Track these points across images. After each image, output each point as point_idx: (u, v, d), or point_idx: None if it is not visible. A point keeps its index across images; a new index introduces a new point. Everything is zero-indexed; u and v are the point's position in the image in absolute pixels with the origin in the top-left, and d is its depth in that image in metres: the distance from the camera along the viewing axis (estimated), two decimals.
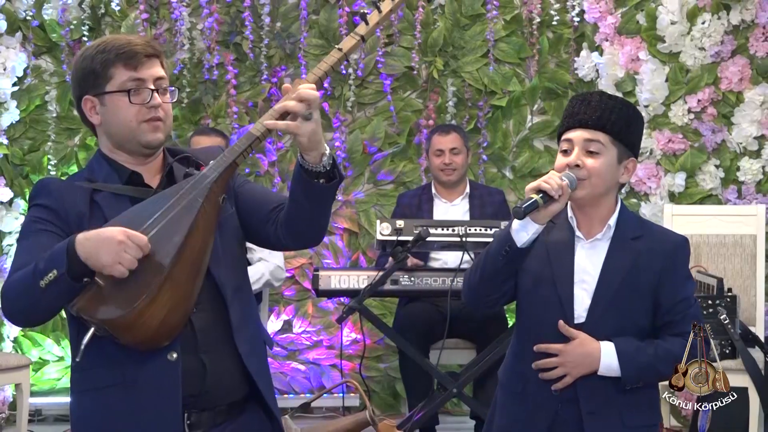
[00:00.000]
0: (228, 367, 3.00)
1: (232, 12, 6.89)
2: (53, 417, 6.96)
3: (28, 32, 6.87)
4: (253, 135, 2.93)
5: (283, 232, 3.03)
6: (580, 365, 3.18)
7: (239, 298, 3.05)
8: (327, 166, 2.89)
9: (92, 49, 3.02)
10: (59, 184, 3.03)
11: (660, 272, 3.22)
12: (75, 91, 3.07)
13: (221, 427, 3.01)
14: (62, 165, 6.93)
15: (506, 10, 6.92)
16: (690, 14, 6.46)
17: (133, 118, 3.00)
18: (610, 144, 3.21)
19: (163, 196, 2.91)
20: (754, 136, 6.45)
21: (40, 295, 2.78)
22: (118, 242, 2.71)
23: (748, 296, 5.69)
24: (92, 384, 2.95)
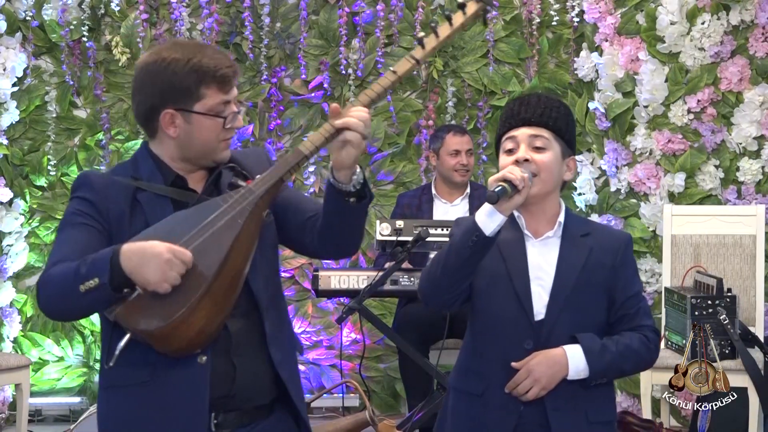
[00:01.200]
0: (258, 372, 3.01)
1: (231, 12, 6.89)
2: (53, 417, 6.96)
3: (28, 32, 6.87)
4: (302, 152, 2.93)
5: (318, 244, 3.06)
6: (550, 376, 3.16)
7: (274, 306, 3.07)
8: (357, 185, 2.92)
9: (182, 62, 2.97)
10: (102, 179, 3.02)
11: (612, 268, 3.25)
12: (153, 99, 2.99)
13: (248, 428, 3.03)
14: (62, 165, 6.93)
15: (506, 10, 6.93)
16: (690, 14, 6.46)
17: (215, 138, 3.02)
18: (554, 140, 3.24)
19: (207, 207, 2.91)
20: (753, 137, 6.45)
21: (77, 299, 2.79)
22: (165, 261, 2.73)
23: (747, 296, 5.69)
24: (121, 381, 2.95)
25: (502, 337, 3.22)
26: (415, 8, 6.86)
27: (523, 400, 3.18)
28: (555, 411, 3.19)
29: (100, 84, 6.94)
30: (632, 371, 3.36)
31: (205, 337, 2.86)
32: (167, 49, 3.03)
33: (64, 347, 6.94)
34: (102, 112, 6.94)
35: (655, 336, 3.28)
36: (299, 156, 2.93)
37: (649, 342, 3.26)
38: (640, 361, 3.28)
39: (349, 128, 2.85)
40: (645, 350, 3.25)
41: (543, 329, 3.20)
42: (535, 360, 3.17)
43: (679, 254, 5.82)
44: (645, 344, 3.25)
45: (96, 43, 6.91)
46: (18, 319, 6.83)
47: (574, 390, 3.20)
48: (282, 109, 6.98)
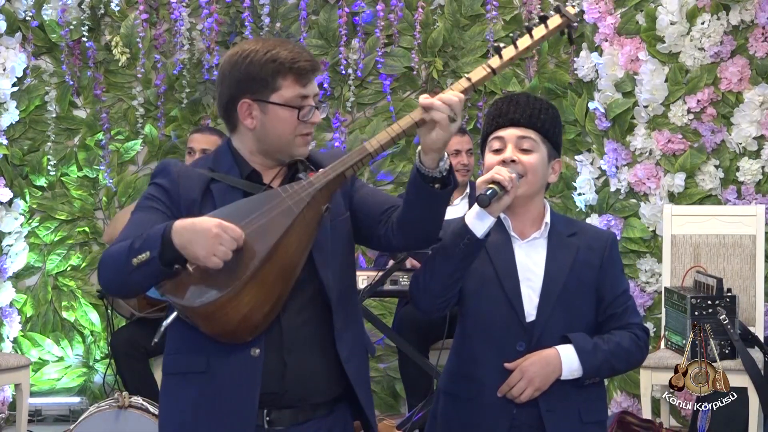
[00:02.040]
0: (317, 370, 3.02)
1: (231, 12, 6.89)
2: (53, 417, 6.97)
3: (27, 33, 6.88)
4: (366, 150, 2.97)
5: (395, 233, 3.06)
6: (544, 377, 3.17)
7: (345, 302, 3.08)
8: (443, 171, 2.94)
9: (260, 53, 3.02)
10: (180, 167, 3.09)
11: (599, 267, 3.28)
12: (231, 89, 3.05)
13: (303, 426, 3.03)
14: (62, 165, 6.93)
15: (506, 10, 6.93)
16: (689, 14, 6.46)
17: (292, 131, 3.04)
18: (541, 142, 3.26)
19: (268, 196, 2.95)
20: (753, 137, 6.45)
21: (130, 272, 2.85)
22: (213, 235, 2.75)
23: (747, 296, 5.69)
24: (179, 368, 3.03)
25: (493, 340, 3.23)
26: (415, 8, 6.86)
27: (517, 402, 3.18)
28: (549, 412, 3.20)
29: (99, 84, 6.94)
30: (624, 369, 3.38)
31: (252, 326, 2.88)
32: (250, 42, 3.11)
33: (63, 347, 6.94)
34: (102, 112, 6.95)
35: (644, 334, 3.31)
36: (363, 153, 2.97)
37: (639, 340, 3.28)
38: (632, 359, 3.30)
39: (436, 109, 2.88)
40: (636, 348, 3.28)
41: (534, 330, 3.21)
42: (528, 361, 3.18)
43: (679, 254, 5.82)
44: (635, 342, 3.27)
45: (96, 43, 6.92)
46: (18, 319, 6.84)
47: (567, 390, 3.21)
48: None
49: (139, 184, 6.97)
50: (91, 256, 6.98)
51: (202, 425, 2.97)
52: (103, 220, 6.95)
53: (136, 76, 6.94)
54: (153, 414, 5.02)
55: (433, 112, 2.88)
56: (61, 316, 6.97)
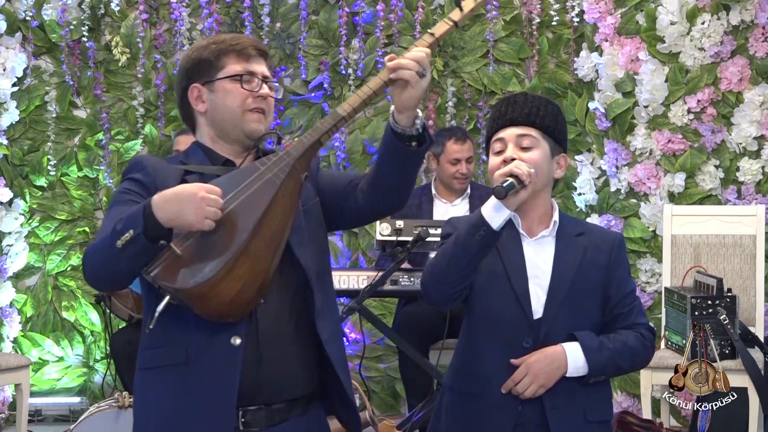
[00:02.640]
0: (294, 360, 3.01)
1: (231, 12, 6.89)
2: (53, 417, 6.96)
3: (27, 33, 6.88)
4: (339, 114, 2.99)
5: (366, 197, 3.08)
6: (549, 374, 3.17)
7: (322, 283, 3.08)
8: (419, 128, 2.96)
9: (205, 41, 3.15)
10: (154, 161, 3.10)
11: (606, 267, 3.29)
12: (182, 81, 3.13)
13: (278, 427, 3.01)
14: (62, 165, 6.93)
15: (506, 10, 6.93)
16: (689, 14, 6.46)
17: (240, 104, 3.07)
18: (542, 138, 3.27)
19: (245, 171, 2.96)
20: (753, 137, 6.45)
21: (116, 255, 2.81)
22: (200, 198, 2.75)
23: (747, 296, 5.69)
24: (157, 362, 2.99)
25: (500, 336, 3.23)
26: (415, 8, 6.86)
27: (522, 398, 3.18)
28: (553, 410, 3.19)
29: (99, 84, 6.95)
30: (629, 369, 3.37)
31: (243, 303, 2.86)
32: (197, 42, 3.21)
33: (63, 347, 6.94)
34: (102, 112, 6.95)
35: (650, 334, 3.31)
36: (337, 117, 2.99)
37: (645, 340, 3.28)
38: (637, 358, 3.30)
39: (403, 68, 2.90)
40: (641, 348, 3.28)
41: (541, 328, 3.22)
42: (533, 358, 3.18)
43: (679, 254, 5.82)
44: (641, 342, 3.27)
45: (96, 43, 6.92)
46: (18, 319, 6.84)
47: (572, 388, 3.21)
48: (282, 109, 6.98)
49: None
50: None
51: (183, 418, 2.93)
52: (102, 220, 6.94)
53: (136, 76, 6.95)
54: None
55: (401, 71, 2.90)
56: (61, 316, 6.97)
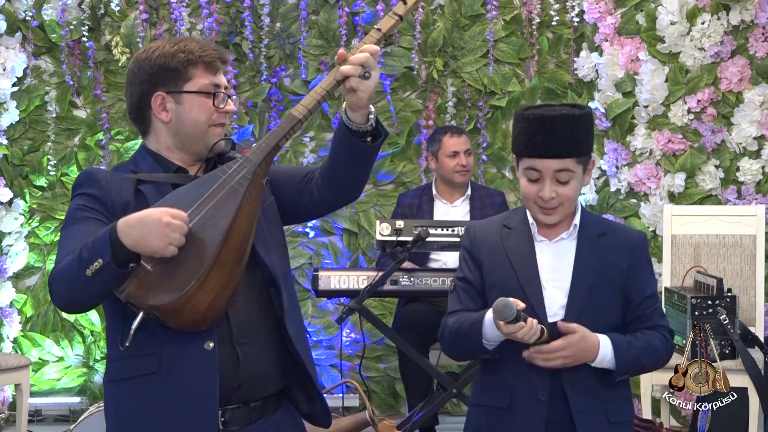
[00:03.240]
0: (265, 358, 3.04)
1: (231, 12, 6.89)
2: (53, 417, 6.96)
3: (27, 32, 6.88)
4: (295, 117, 3.00)
5: (320, 190, 3.10)
6: (579, 356, 3.16)
7: (286, 282, 3.10)
8: (373, 123, 2.98)
9: (168, 47, 3.07)
10: (104, 174, 3.07)
11: (628, 268, 3.26)
12: (143, 85, 3.08)
13: (255, 425, 3.04)
14: (62, 165, 6.93)
15: (506, 10, 6.93)
16: (690, 14, 6.46)
17: (206, 119, 3.08)
18: (577, 165, 3.21)
19: (206, 180, 2.95)
20: (753, 137, 6.45)
21: (87, 284, 2.79)
22: (164, 224, 2.73)
23: (747, 296, 5.69)
24: (128, 373, 2.97)
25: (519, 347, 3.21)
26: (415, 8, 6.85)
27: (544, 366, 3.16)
28: (579, 413, 3.19)
29: (99, 84, 6.94)
30: (651, 368, 3.36)
31: (216, 312, 2.88)
32: (155, 42, 3.15)
33: (63, 347, 6.93)
34: (102, 112, 6.94)
35: (670, 336, 3.30)
36: (293, 120, 2.99)
37: (667, 341, 3.28)
38: (659, 359, 3.29)
39: (346, 74, 2.92)
40: (664, 349, 3.27)
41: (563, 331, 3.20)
42: (574, 338, 3.13)
43: (679, 254, 5.82)
44: (663, 343, 3.26)
45: (96, 43, 6.92)
46: (18, 319, 6.84)
47: (594, 389, 3.21)
48: (282, 109, 6.98)
49: None
50: None
51: (160, 425, 2.93)
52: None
53: None
54: None
55: (349, 80, 2.92)
56: (61, 316, 6.97)
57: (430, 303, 5.87)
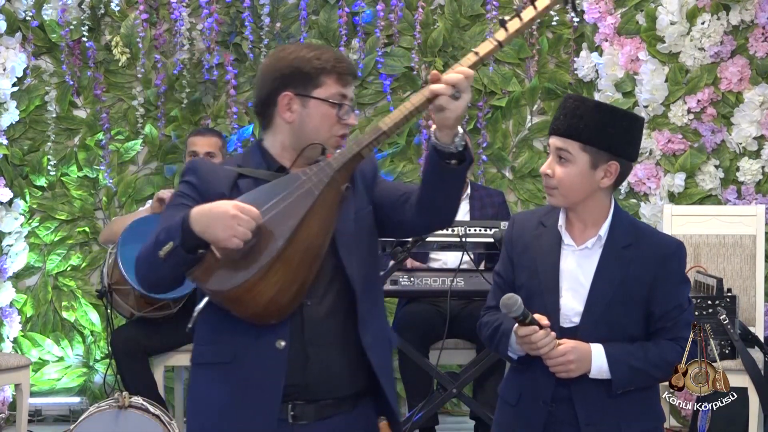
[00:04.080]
0: (339, 361, 3.09)
1: (231, 12, 6.89)
2: (53, 417, 6.96)
3: (27, 32, 6.87)
4: (381, 128, 3.03)
5: (414, 214, 3.11)
6: (577, 366, 3.18)
7: (368, 292, 3.13)
8: (459, 147, 2.96)
9: (305, 50, 3.14)
10: (208, 166, 3.20)
11: (651, 282, 3.24)
12: (274, 82, 3.13)
13: (327, 421, 3.09)
14: (62, 165, 6.93)
15: (506, 10, 6.92)
16: (689, 14, 6.46)
17: (328, 128, 3.12)
18: (580, 151, 3.23)
19: (288, 180, 3.03)
20: (753, 137, 6.45)
21: (160, 264, 2.96)
22: (231, 216, 2.85)
23: (747, 296, 5.70)
24: (207, 358, 3.11)
25: None
26: (415, 8, 6.86)
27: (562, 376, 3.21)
28: (588, 426, 3.21)
29: (100, 84, 6.94)
30: (664, 380, 3.31)
31: (279, 308, 2.96)
32: (294, 45, 3.27)
33: (63, 347, 6.93)
34: (102, 112, 6.94)
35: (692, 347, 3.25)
36: (378, 132, 3.03)
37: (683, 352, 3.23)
38: (671, 370, 3.25)
39: (436, 92, 2.92)
40: (679, 360, 3.22)
41: (577, 338, 3.21)
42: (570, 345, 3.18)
43: None
44: (679, 354, 3.22)
45: (96, 43, 6.92)
46: (18, 319, 6.84)
47: (605, 401, 3.22)
48: None
49: (140, 184, 6.97)
50: (91, 256, 6.98)
51: (228, 414, 3.04)
52: (103, 220, 6.95)
53: (136, 76, 6.94)
54: (153, 414, 5.02)
55: (438, 98, 2.92)
56: (61, 316, 6.97)
57: (430, 303, 5.87)
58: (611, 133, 3.24)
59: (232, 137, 6.81)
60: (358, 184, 3.17)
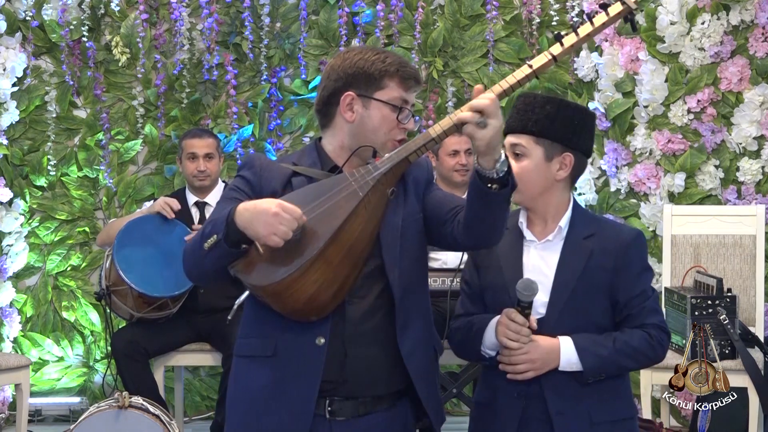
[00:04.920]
0: (378, 361, 3.13)
1: (231, 12, 6.89)
2: (53, 417, 6.96)
3: (27, 33, 6.87)
4: (430, 135, 3.05)
5: (460, 233, 3.11)
6: (544, 362, 3.22)
7: (410, 299, 3.16)
8: (500, 173, 2.94)
9: (371, 53, 3.18)
10: (264, 161, 3.25)
11: (613, 271, 3.28)
12: (338, 82, 3.17)
13: (365, 418, 3.14)
14: (62, 165, 6.93)
15: (506, 10, 6.93)
16: (689, 14, 6.46)
17: (387, 132, 3.17)
18: (533, 144, 3.29)
19: (335, 180, 3.08)
20: (753, 137, 6.45)
21: (203, 256, 3.03)
22: (272, 214, 2.90)
23: (747, 296, 5.69)
24: (249, 351, 3.17)
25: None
26: (415, 8, 6.86)
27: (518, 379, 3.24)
28: (558, 415, 3.23)
29: (100, 84, 6.94)
30: (635, 368, 3.38)
31: (319, 306, 3.01)
32: (359, 47, 3.30)
33: (63, 347, 6.93)
34: (102, 112, 6.94)
35: (660, 333, 3.30)
36: (426, 138, 3.06)
37: (652, 339, 3.27)
38: (641, 357, 3.29)
39: (463, 120, 2.92)
40: (647, 347, 3.27)
41: (544, 331, 3.24)
42: (533, 344, 3.22)
43: (679, 254, 5.82)
44: (647, 341, 3.26)
45: (96, 43, 6.92)
46: (18, 319, 6.84)
47: (576, 391, 3.25)
48: (282, 109, 6.98)
49: (139, 184, 6.97)
50: (91, 256, 6.98)
51: (266, 406, 3.10)
52: (103, 220, 6.95)
53: (136, 76, 6.95)
54: (153, 414, 5.02)
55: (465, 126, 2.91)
56: (61, 316, 6.97)
57: None
58: (562, 125, 3.32)
59: (232, 137, 6.81)
60: (410, 190, 3.20)
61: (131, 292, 5.68)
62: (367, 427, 3.14)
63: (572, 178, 3.37)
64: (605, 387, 3.28)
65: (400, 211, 3.15)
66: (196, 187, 6.11)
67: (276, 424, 3.09)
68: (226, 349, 5.68)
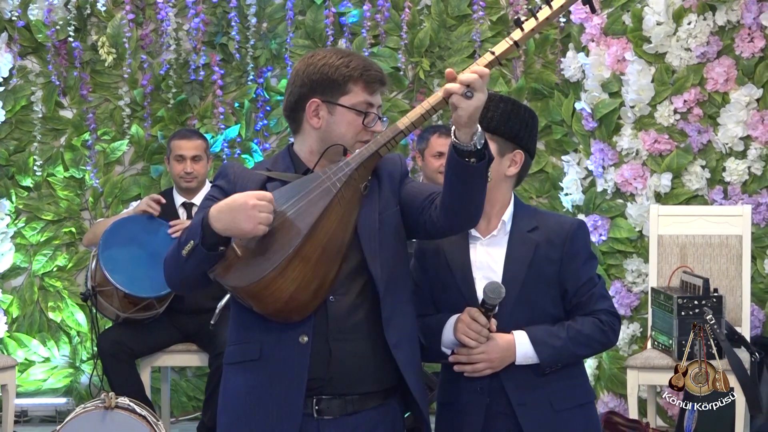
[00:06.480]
0: (364, 357, 3.14)
1: (218, 13, 6.88)
2: (39, 418, 6.95)
3: (13, 32, 6.86)
4: (398, 128, 3.09)
5: (439, 216, 3.13)
6: (501, 359, 3.26)
7: (394, 292, 3.17)
8: (478, 145, 2.98)
9: (335, 57, 3.19)
10: (238, 169, 3.26)
11: (560, 261, 3.34)
12: (303, 88, 3.19)
13: (353, 417, 3.14)
14: (48, 166, 6.92)
15: (492, 10, 6.93)
16: (676, 15, 6.48)
17: (353, 136, 3.18)
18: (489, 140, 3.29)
19: (308, 179, 3.10)
20: (739, 137, 6.46)
21: (183, 263, 3.05)
22: (251, 206, 2.93)
23: (734, 296, 5.71)
24: (236, 358, 3.19)
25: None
26: (402, 8, 6.86)
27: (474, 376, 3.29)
28: (520, 406, 3.29)
29: (86, 84, 6.93)
30: (589, 354, 3.45)
31: (300, 305, 3.02)
32: (326, 50, 3.32)
33: (50, 348, 6.92)
34: (88, 112, 6.93)
35: (610, 317, 3.36)
36: (395, 131, 3.09)
37: (603, 324, 3.34)
38: (594, 344, 3.36)
39: (450, 91, 2.96)
40: (599, 333, 3.33)
41: (498, 325, 3.29)
42: (491, 343, 3.26)
43: (666, 254, 5.83)
44: (598, 327, 3.33)
45: (82, 44, 6.90)
46: (4, 319, 6.82)
47: (534, 381, 3.30)
48: (269, 110, 6.97)
49: (126, 184, 6.96)
50: (77, 256, 6.96)
51: (255, 411, 3.11)
52: (89, 221, 6.94)
53: (122, 77, 6.93)
54: (139, 415, 5.02)
55: (451, 98, 2.96)
56: (48, 317, 6.96)
57: None
58: (516, 124, 3.39)
59: (218, 137, 6.80)
60: (385, 185, 3.22)
61: (117, 292, 5.67)
62: (356, 425, 3.14)
63: (518, 176, 3.43)
64: (563, 375, 3.33)
65: (376, 206, 3.17)
66: (183, 188, 6.11)
67: (265, 426, 3.09)
68: (212, 349, 5.68)
